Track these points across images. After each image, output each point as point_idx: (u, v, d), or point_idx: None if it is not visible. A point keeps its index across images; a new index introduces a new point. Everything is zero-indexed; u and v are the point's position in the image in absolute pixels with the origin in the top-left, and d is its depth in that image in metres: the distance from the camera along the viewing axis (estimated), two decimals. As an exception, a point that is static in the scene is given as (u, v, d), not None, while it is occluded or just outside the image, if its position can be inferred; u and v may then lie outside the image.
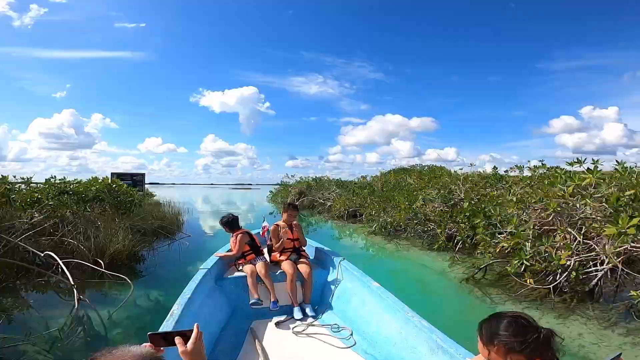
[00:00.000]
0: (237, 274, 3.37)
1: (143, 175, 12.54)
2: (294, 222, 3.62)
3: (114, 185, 8.78)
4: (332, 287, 3.32)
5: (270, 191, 26.19)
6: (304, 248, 3.63)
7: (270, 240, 3.54)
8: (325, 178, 20.09)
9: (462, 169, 10.15)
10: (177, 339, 1.00)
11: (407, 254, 7.16)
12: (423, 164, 23.63)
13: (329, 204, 15.73)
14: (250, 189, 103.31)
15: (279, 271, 3.35)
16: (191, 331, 1.03)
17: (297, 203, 15.26)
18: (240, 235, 3.45)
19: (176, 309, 2.28)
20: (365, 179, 18.38)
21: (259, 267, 3.23)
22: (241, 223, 3.77)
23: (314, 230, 11.57)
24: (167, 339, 1.01)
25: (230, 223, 3.58)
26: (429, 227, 7.70)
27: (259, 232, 4.71)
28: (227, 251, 3.56)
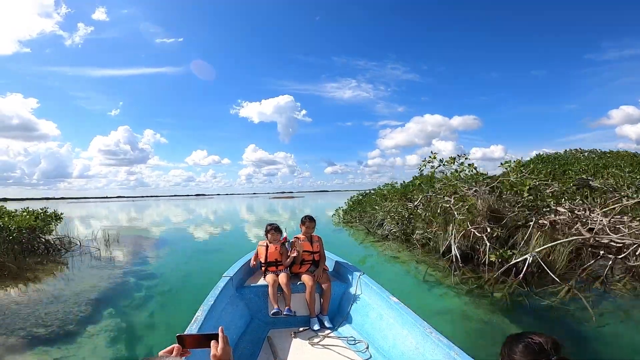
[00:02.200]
0: (257, 282, 3.62)
1: None
2: (314, 234, 3.78)
3: None
4: (350, 300, 3.41)
5: (349, 202, 15.21)
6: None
7: (291, 251, 3.74)
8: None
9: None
10: (213, 343, 1.13)
11: None
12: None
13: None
14: (293, 197, 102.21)
15: (298, 282, 3.54)
16: (217, 334, 1.14)
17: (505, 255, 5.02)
18: (282, 244, 3.74)
19: (200, 315, 2.56)
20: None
21: (282, 277, 3.45)
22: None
23: None
24: (193, 340, 1.14)
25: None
26: None
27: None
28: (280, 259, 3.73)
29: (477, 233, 6.21)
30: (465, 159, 7.68)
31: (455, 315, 4.38)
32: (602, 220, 6.09)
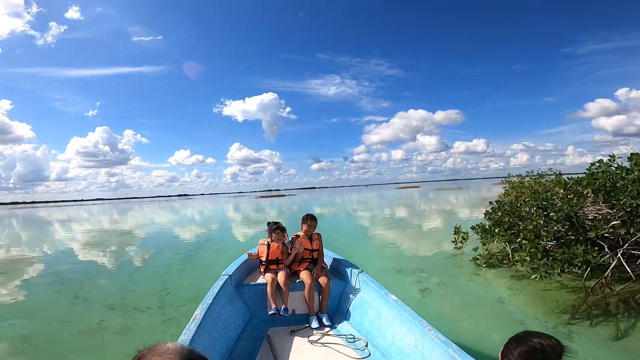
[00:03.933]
0: (257, 280, 3.67)
1: None
2: (314, 233, 3.84)
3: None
4: (349, 297, 3.49)
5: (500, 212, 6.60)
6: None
7: (290, 250, 3.78)
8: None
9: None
10: None
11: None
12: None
13: None
14: (282, 195, 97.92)
15: (297, 280, 3.59)
16: None
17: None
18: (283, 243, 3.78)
19: (198, 314, 2.59)
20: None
21: (280, 275, 3.50)
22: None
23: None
24: None
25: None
26: None
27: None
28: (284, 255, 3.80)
29: None
30: None
31: None
32: None
